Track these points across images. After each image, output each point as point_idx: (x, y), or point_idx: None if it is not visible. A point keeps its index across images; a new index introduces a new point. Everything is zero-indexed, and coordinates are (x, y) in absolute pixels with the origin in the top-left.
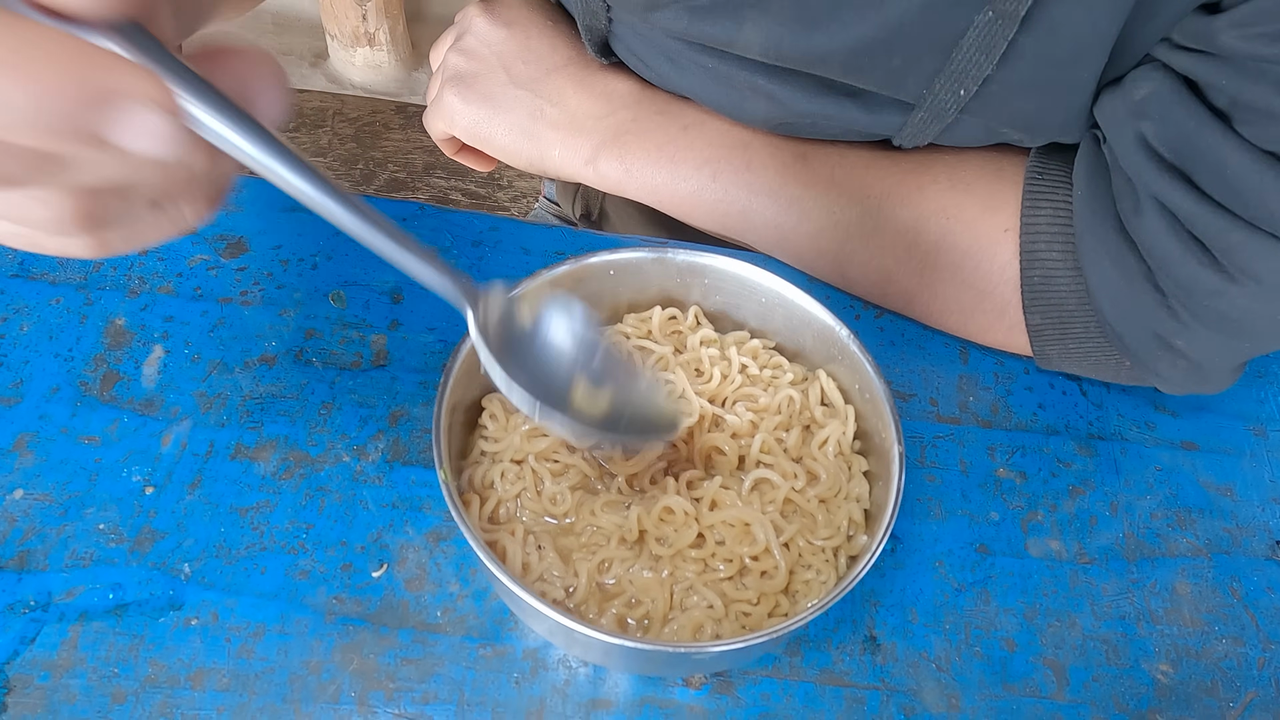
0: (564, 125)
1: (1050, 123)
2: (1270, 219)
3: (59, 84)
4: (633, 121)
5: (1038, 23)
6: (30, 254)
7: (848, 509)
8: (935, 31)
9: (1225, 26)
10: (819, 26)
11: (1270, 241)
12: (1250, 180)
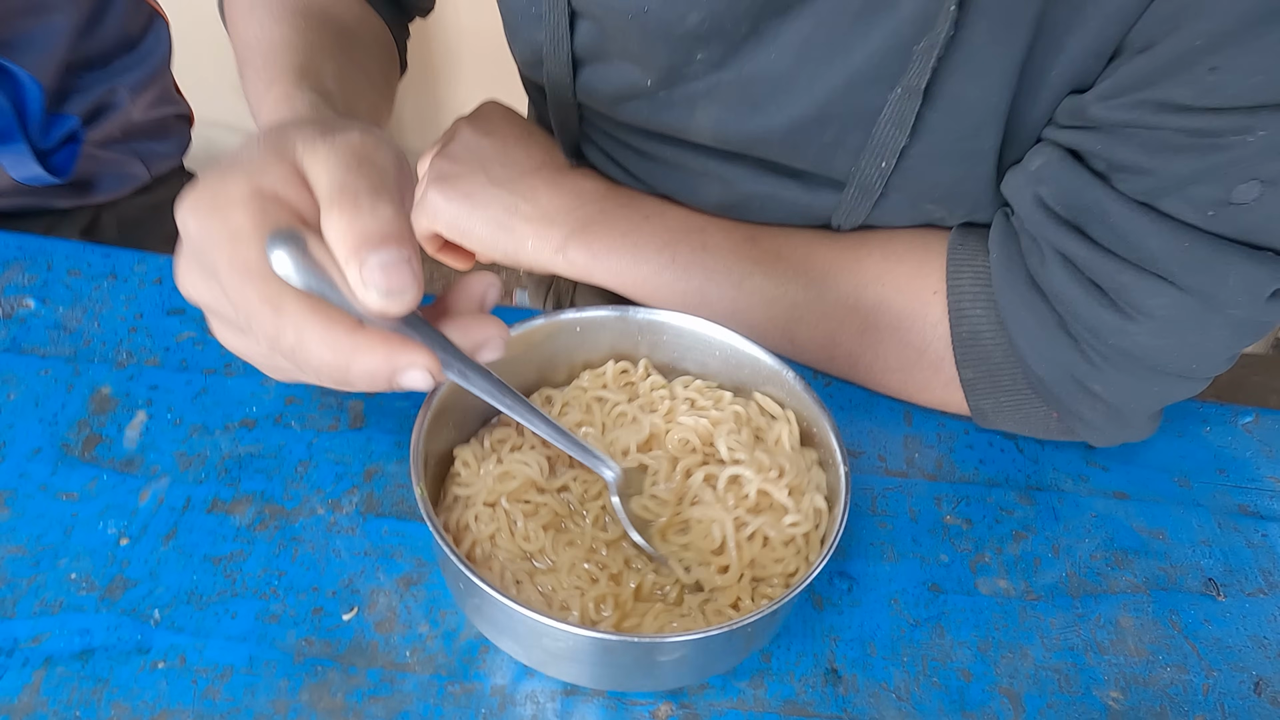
0: (537, 219)
1: (963, 194)
2: (1152, 259)
3: (378, 363)
4: (599, 213)
5: (939, 97)
6: (24, 330)
7: (811, 497)
8: (857, 110)
9: (1093, 100)
10: (760, 111)
11: (1154, 280)
12: (1131, 227)
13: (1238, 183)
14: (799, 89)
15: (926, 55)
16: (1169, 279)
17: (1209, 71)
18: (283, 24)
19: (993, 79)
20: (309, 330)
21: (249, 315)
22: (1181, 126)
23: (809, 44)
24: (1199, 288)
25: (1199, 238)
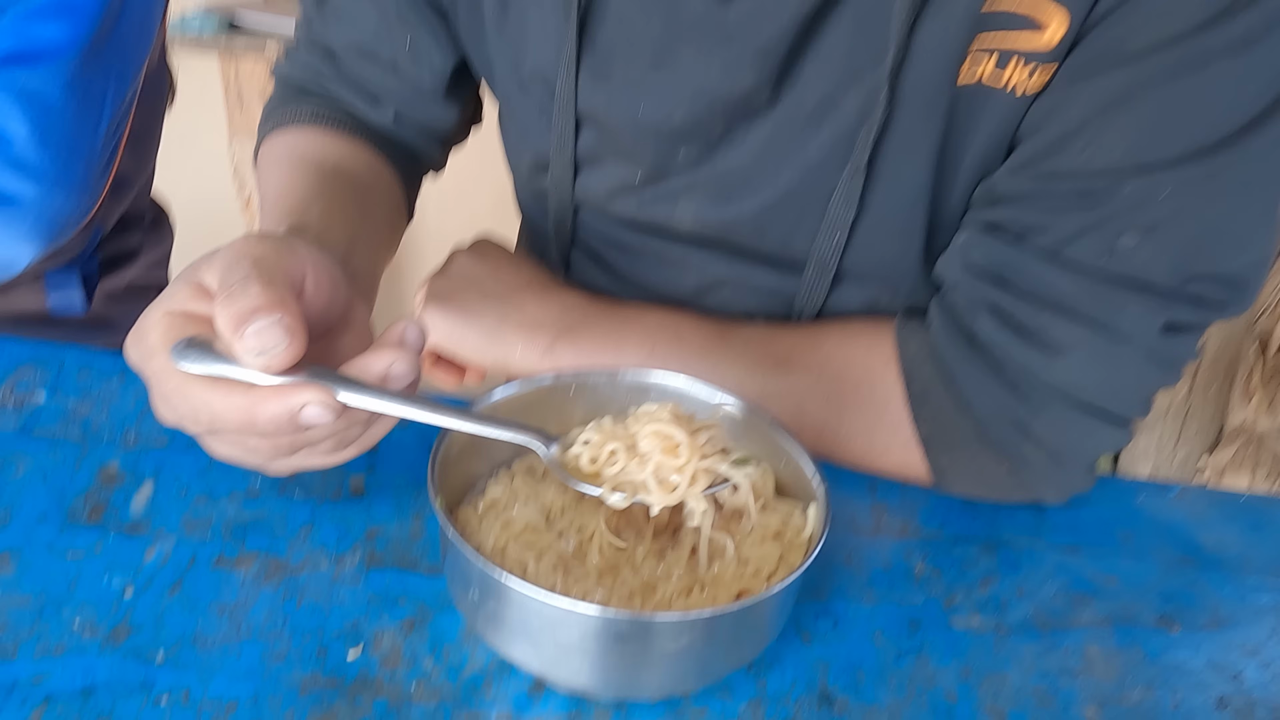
0: (526, 326)
1: (903, 273)
2: (1063, 302)
3: (275, 407)
4: (583, 318)
5: (878, 177)
6: (34, 417)
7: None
8: (813, 193)
9: (1000, 179)
10: (732, 199)
11: (1068, 320)
12: (1043, 276)
13: (1120, 233)
14: (764, 179)
15: (866, 138)
16: (1079, 318)
17: (1085, 145)
18: (293, 173)
19: (920, 160)
20: (215, 402)
21: (177, 412)
22: (1069, 190)
23: (772, 142)
24: (1103, 322)
25: (1098, 280)
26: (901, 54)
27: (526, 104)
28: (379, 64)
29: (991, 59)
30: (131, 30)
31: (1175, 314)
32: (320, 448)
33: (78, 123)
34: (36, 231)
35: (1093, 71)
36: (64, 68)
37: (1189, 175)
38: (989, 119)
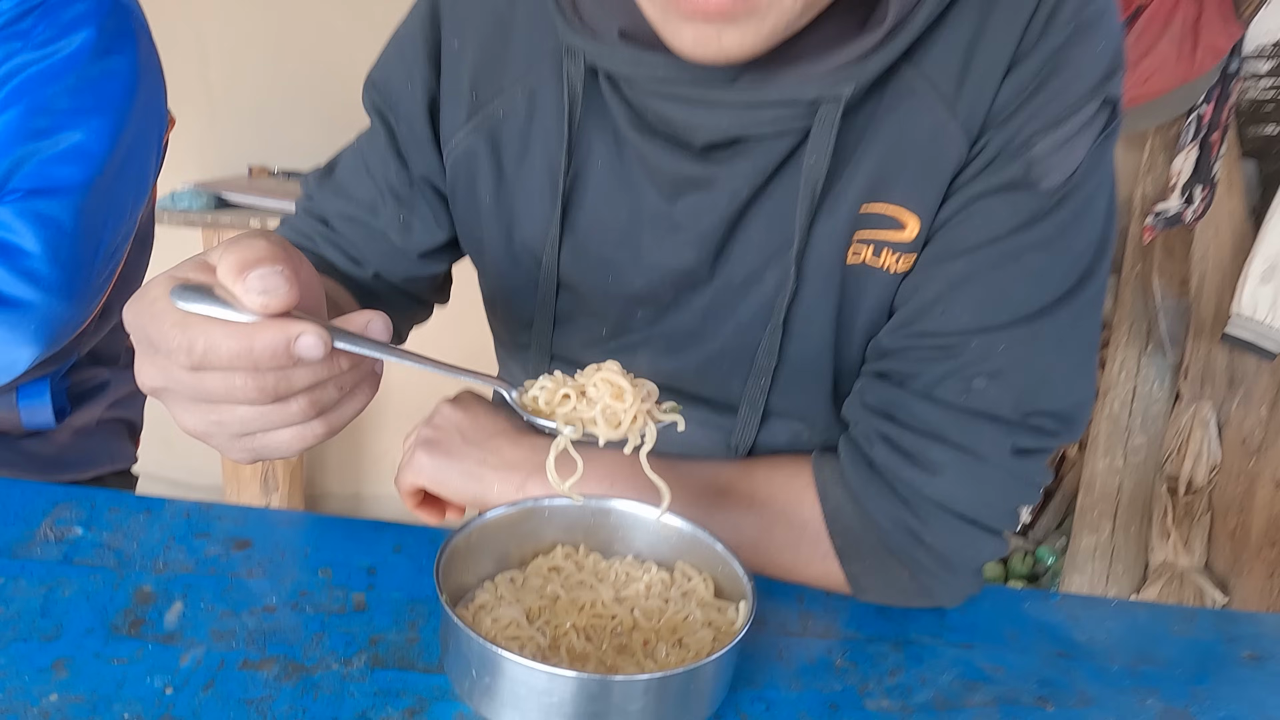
0: (501, 467)
1: (817, 413)
2: (936, 430)
3: (273, 335)
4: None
5: (792, 334)
6: (73, 548)
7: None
8: (743, 347)
9: (885, 334)
10: (681, 353)
11: (941, 445)
12: (920, 411)
13: (973, 377)
14: (705, 336)
15: (781, 304)
16: (949, 443)
17: (941, 312)
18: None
19: (823, 320)
20: (212, 330)
21: (169, 347)
22: (933, 345)
23: (711, 307)
24: (967, 446)
25: (961, 413)
26: (804, 243)
27: (514, 272)
28: (369, 232)
29: (869, 247)
30: (132, 174)
31: (1020, 440)
32: (293, 409)
33: (83, 245)
34: (40, 334)
35: (943, 259)
36: (76, 199)
37: (1018, 335)
38: (872, 290)
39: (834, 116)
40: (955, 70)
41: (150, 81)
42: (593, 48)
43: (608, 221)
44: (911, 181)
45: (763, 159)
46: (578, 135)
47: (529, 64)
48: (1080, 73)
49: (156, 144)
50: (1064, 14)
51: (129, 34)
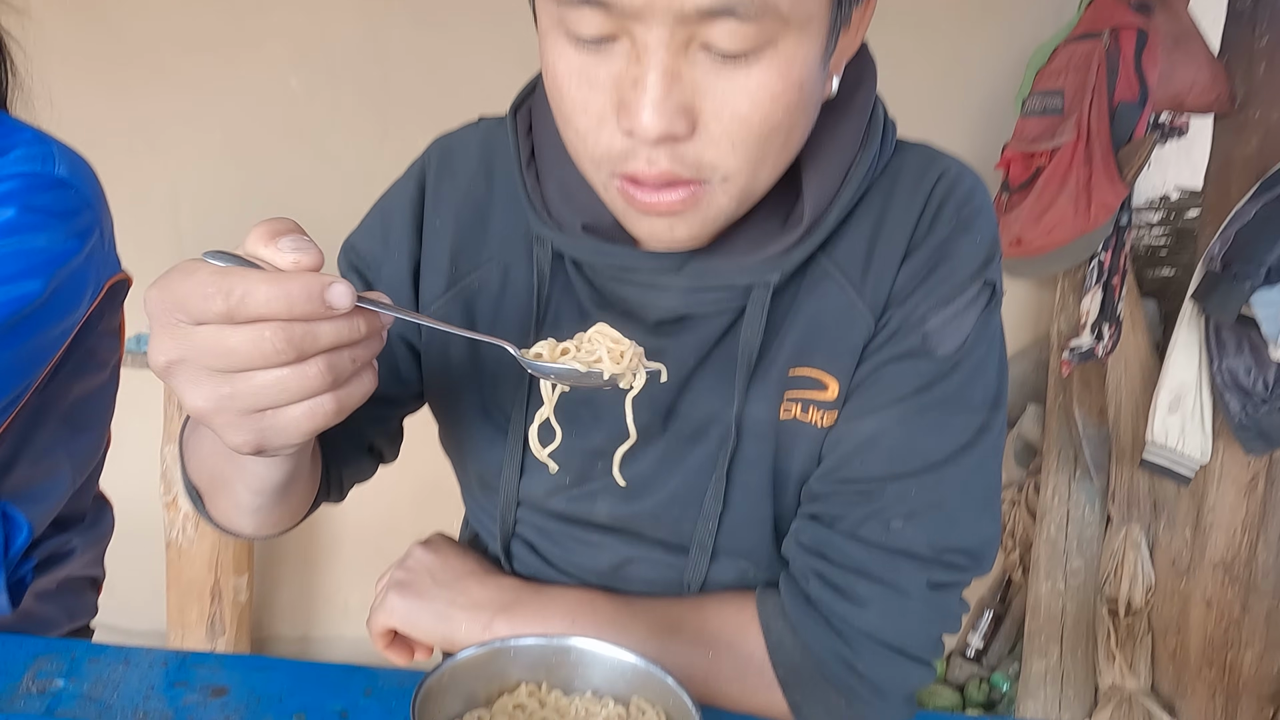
0: (470, 606)
1: (760, 552)
2: (862, 567)
3: (307, 280)
4: (516, 599)
5: (734, 482)
6: (56, 700)
7: None
8: (692, 493)
9: (814, 481)
10: (637, 498)
11: (865, 580)
12: (847, 550)
13: (890, 519)
14: (658, 485)
15: (724, 456)
16: (869, 576)
17: (859, 461)
18: None
19: (762, 470)
20: (250, 275)
21: (204, 294)
22: (855, 491)
23: (662, 459)
24: (887, 580)
25: (882, 551)
26: (742, 404)
27: (485, 428)
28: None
29: (798, 405)
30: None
31: (935, 575)
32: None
33: None
34: None
35: (859, 415)
36: None
37: (927, 482)
38: (802, 443)
39: (765, 299)
40: (861, 260)
41: (80, 263)
42: (559, 238)
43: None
44: (830, 350)
45: (705, 332)
46: (545, 308)
47: (504, 243)
48: (963, 261)
49: (65, 321)
50: (947, 212)
51: (61, 214)
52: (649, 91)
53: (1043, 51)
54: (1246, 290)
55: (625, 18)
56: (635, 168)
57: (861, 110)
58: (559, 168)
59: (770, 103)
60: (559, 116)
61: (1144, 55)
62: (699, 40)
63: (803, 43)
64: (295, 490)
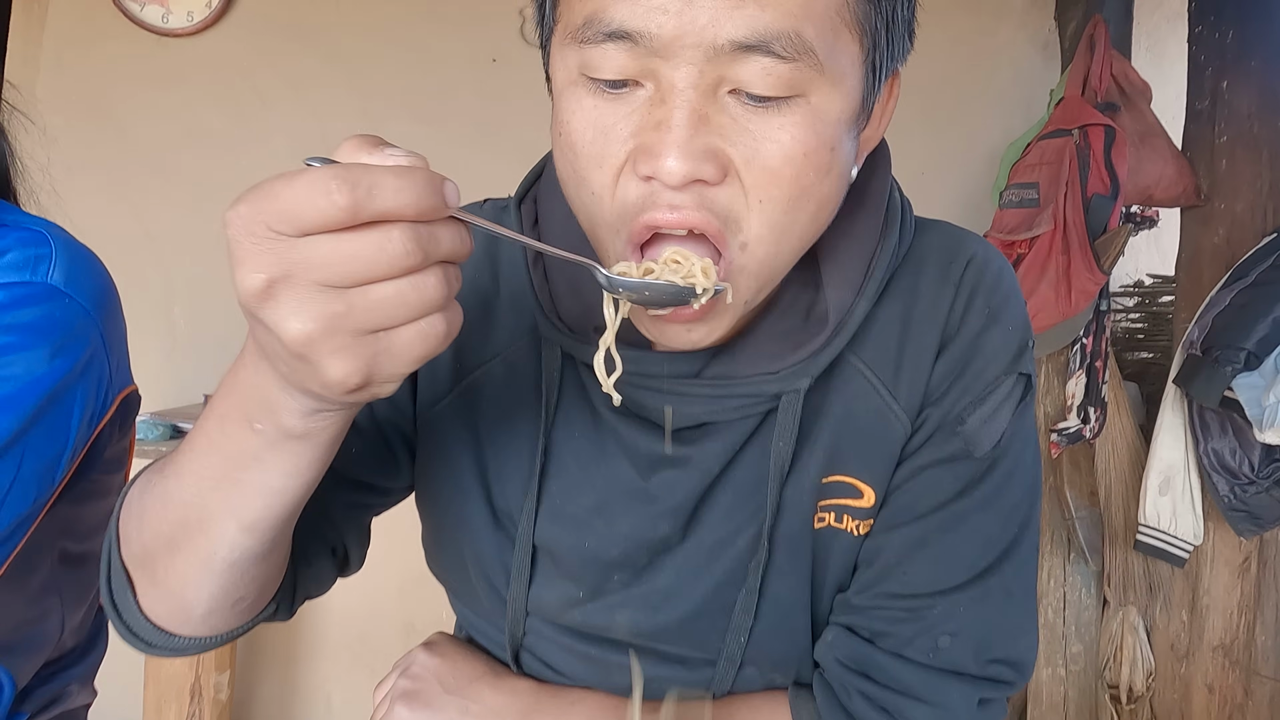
0: (486, 714)
1: (790, 660)
2: (909, 687)
3: (429, 173)
4: (535, 703)
5: (768, 592)
6: None
7: None
8: (720, 606)
9: (850, 596)
10: (659, 611)
11: (912, 701)
12: (891, 669)
13: (938, 638)
14: (682, 596)
15: (756, 569)
16: (919, 698)
17: (902, 574)
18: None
19: (796, 581)
20: (375, 169)
21: (322, 195)
22: (898, 607)
23: (685, 568)
24: (937, 702)
25: (929, 671)
26: (774, 513)
27: (491, 534)
28: (342, 473)
29: (832, 513)
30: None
31: (984, 692)
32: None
33: None
34: None
35: (899, 523)
36: None
37: (973, 595)
38: (839, 551)
39: (796, 406)
40: (891, 358)
41: (71, 382)
42: (569, 342)
43: (584, 491)
44: (864, 456)
45: (730, 439)
46: (554, 412)
47: (511, 339)
48: (997, 354)
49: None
50: (978, 303)
51: (48, 330)
52: (675, 131)
53: (1016, 147)
54: (1228, 375)
55: (652, 54)
56: (655, 216)
57: (879, 197)
58: (568, 265)
59: (802, 159)
60: (573, 181)
61: (1113, 151)
62: (729, 83)
63: (835, 99)
64: (280, 545)
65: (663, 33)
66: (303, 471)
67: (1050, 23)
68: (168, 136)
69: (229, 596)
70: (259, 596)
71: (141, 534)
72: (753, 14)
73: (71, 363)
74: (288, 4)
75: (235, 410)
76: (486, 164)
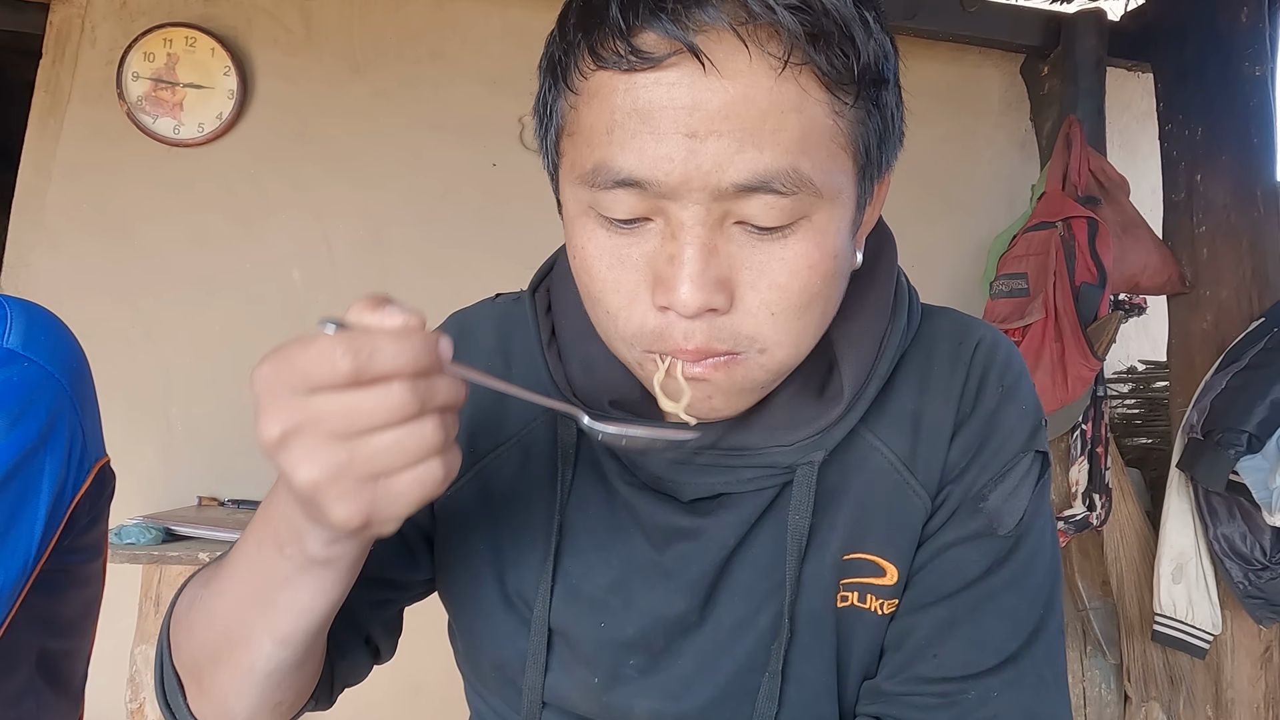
0: None
1: None
2: None
3: (426, 335)
4: None
5: (791, 675)
6: None
7: None
8: (742, 690)
9: (880, 681)
10: (680, 698)
11: None
12: None
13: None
14: (703, 682)
15: (778, 651)
16: None
17: (933, 657)
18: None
19: (821, 664)
20: (374, 335)
21: (330, 357)
22: (931, 692)
23: (705, 651)
24: None
25: None
26: (795, 590)
27: (506, 618)
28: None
29: (855, 593)
30: None
31: None
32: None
33: None
34: None
35: (926, 604)
36: None
37: (1006, 679)
38: (863, 631)
39: (811, 479)
40: (907, 435)
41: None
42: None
43: (599, 568)
44: (885, 533)
45: (746, 510)
46: (569, 488)
47: (524, 423)
48: (1013, 432)
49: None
50: (991, 383)
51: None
52: (686, 266)
53: (1002, 240)
54: (1231, 458)
55: (660, 197)
56: (672, 344)
57: (886, 279)
58: (581, 345)
59: (808, 271)
60: (588, 298)
61: (1097, 241)
62: (735, 216)
63: (834, 214)
64: (314, 653)
65: (670, 179)
66: (328, 591)
67: (1026, 123)
68: (171, 240)
69: (268, 702)
70: (296, 699)
71: (190, 645)
72: (753, 157)
73: (35, 430)
74: (294, 115)
75: (269, 537)
76: (487, 261)
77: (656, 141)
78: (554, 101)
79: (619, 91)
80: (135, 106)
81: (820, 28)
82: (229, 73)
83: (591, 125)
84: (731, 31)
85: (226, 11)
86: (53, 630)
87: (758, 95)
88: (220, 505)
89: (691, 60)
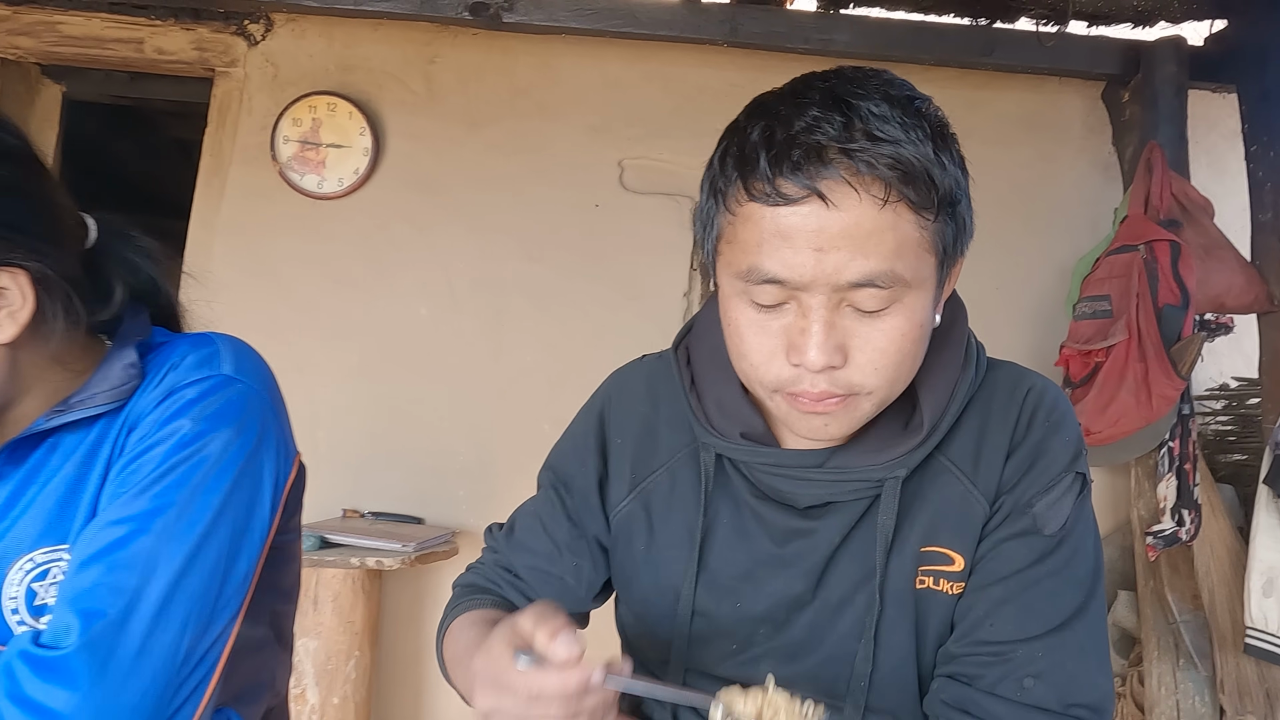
0: None
1: (906, 704)
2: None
3: (579, 676)
4: None
5: (882, 641)
6: None
7: None
8: (844, 655)
9: (951, 644)
10: (795, 661)
11: None
12: (987, 706)
13: (1023, 679)
14: (813, 648)
15: (871, 623)
16: None
17: (989, 625)
18: (484, 625)
19: (904, 635)
20: (542, 679)
21: (515, 688)
22: (987, 652)
23: (815, 622)
24: None
25: (1020, 706)
26: (883, 575)
27: (659, 604)
28: (548, 577)
29: (931, 577)
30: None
31: None
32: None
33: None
34: None
35: (984, 586)
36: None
37: (1050, 644)
38: (937, 609)
39: (896, 489)
40: (971, 458)
41: (255, 448)
42: (722, 444)
43: (733, 561)
44: (953, 530)
45: (848, 515)
46: (709, 501)
47: (671, 453)
48: (1057, 457)
49: (259, 512)
50: (1039, 418)
51: (231, 411)
52: (814, 337)
53: (1085, 262)
54: None
55: (795, 289)
56: (801, 389)
57: (959, 340)
58: (715, 389)
59: (901, 339)
60: (736, 353)
61: (1179, 264)
62: (848, 302)
63: (920, 297)
64: None
65: (803, 279)
66: None
67: (1109, 147)
68: (315, 283)
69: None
70: None
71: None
72: (861, 264)
73: (254, 434)
74: (419, 167)
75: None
76: (590, 292)
77: (794, 253)
78: (714, 215)
79: (766, 219)
80: (286, 165)
81: (909, 173)
82: (364, 132)
83: (745, 239)
84: (846, 182)
85: (361, 79)
86: (279, 595)
87: (865, 221)
88: (361, 517)
89: (818, 199)
